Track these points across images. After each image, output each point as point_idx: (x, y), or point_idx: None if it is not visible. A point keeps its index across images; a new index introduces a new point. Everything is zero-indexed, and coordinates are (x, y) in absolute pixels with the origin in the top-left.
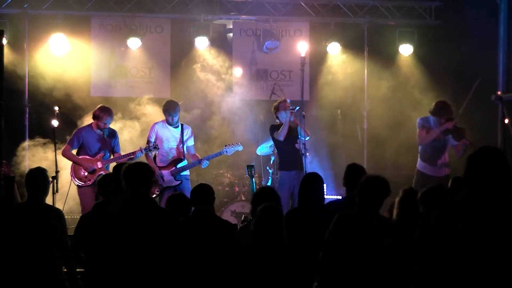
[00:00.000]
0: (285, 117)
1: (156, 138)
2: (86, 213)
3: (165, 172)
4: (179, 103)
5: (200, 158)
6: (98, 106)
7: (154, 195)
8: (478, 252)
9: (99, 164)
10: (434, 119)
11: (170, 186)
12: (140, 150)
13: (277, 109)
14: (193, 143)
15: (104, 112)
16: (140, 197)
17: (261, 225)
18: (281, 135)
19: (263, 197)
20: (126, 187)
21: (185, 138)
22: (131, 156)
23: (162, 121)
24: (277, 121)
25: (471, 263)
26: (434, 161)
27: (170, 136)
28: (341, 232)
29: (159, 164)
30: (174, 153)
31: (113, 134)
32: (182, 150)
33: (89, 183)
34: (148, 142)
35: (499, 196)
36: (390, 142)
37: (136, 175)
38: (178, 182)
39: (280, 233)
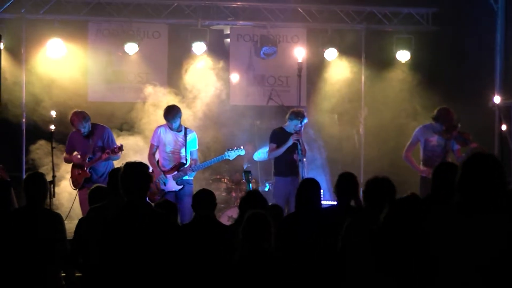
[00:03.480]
0: (292, 128)
1: (158, 142)
2: (82, 217)
3: (167, 177)
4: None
5: (198, 163)
6: (72, 112)
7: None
8: (472, 260)
9: (85, 167)
10: (436, 125)
11: (171, 191)
12: (107, 152)
13: (292, 118)
14: (196, 147)
15: (74, 117)
16: (136, 203)
17: (248, 233)
18: (274, 155)
19: (250, 202)
20: (123, 192)
21: (188, 142)
22: (102, 160)
23: (165, 125)
24: (286, 124)
25: (466, 271)
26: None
27: (172, 140)
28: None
29: (162, 169)
30: (176, 157)
31: (97, 133)
32: (184, 155)
33: (79, 186)
34: (151, 146)
35: (493, 203)
36: (387, 148)
37: (133, 180)
38: (180, 187)
39: (267, 240)
